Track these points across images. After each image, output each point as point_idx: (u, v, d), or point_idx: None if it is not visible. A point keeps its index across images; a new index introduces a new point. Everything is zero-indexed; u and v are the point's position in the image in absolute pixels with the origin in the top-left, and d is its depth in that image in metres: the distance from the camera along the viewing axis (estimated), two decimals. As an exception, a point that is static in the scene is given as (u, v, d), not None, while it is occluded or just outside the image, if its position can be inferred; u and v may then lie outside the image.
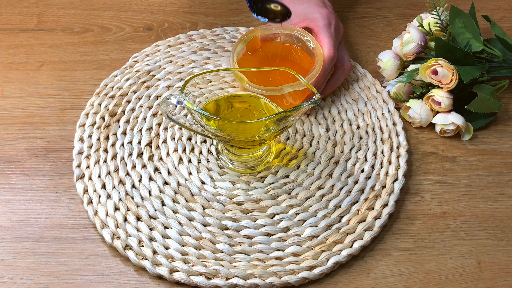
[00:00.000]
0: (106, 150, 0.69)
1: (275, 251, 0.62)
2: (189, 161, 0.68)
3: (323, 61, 0.69)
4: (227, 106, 0.67)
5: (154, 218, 0.64)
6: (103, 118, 0.72)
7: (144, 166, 0.68)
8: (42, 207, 0.65)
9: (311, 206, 0.65)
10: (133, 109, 0.73)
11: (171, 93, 0.75)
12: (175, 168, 0.68)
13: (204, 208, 0.64)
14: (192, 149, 0.70)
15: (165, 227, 0.63)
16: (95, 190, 0.65)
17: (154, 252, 0.61)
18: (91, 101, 0.74)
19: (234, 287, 0.59)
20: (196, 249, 0.61)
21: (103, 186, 0.66)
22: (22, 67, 0.79)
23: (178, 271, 0.60)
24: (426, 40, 0.75)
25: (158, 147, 0.69)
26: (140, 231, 0.62)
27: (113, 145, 0.69)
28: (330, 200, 0.65)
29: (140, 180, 0.67)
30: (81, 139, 0.70)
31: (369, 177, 0.67)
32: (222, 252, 0.61)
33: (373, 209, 0.65)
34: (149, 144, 0.70)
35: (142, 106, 0.73)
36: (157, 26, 0.85)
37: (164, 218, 0.63)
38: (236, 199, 0.65)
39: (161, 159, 0.69)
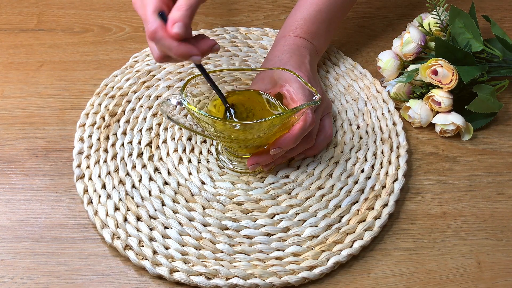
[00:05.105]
0: (106, 150, 0.69)
1: (275, 251, 0.62)
2: (189, 161, 0.68)
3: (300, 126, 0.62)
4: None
5: (154, 218, 0.63)
6: (103, 118, 0.72)
7: (144, 166, 0.68)
8: (42, 207, 0.65)
9: (311, 206, 0.65)
10: (133, 109, 0.73)
11: (171, 93, 0.75)
12: (175, 168, 0.68)
13: (204, 208, 0.64)
14: (192, 149, 0.70)
15: (165, 227, 0.63)
16: (95, 190, 0.65)
17: (154, 252, 0.61)
18: (91, 101, 0.74)
19: (234, 287, 0.59)
20: (196, 249, 0.61)
21: (103, 186, 0.66)
22: (22, 67, 0.79)
23: (178, 271, 0.60)
24: (426, 40, 0.75)
25: (158, 147, 0.69)
26: (140, 231, 0.62)
27: (113, 145, 0.69)
28: (330, 200, 0.65)
29: (140, 180, 0.66)
30: (81, 139, 0.70)
31: (369, 177, 0.67)
32: (222, 252, 0.61)
33: (373, 209, 0.65)
34: (149, 144, 0.70)
35: (142, 106, 0.73)
36: (157, 26, 0.85)
37: (164, 218, 0.63)
38: (236, 199, 0.65)
39: (161, 159, 0.68)
